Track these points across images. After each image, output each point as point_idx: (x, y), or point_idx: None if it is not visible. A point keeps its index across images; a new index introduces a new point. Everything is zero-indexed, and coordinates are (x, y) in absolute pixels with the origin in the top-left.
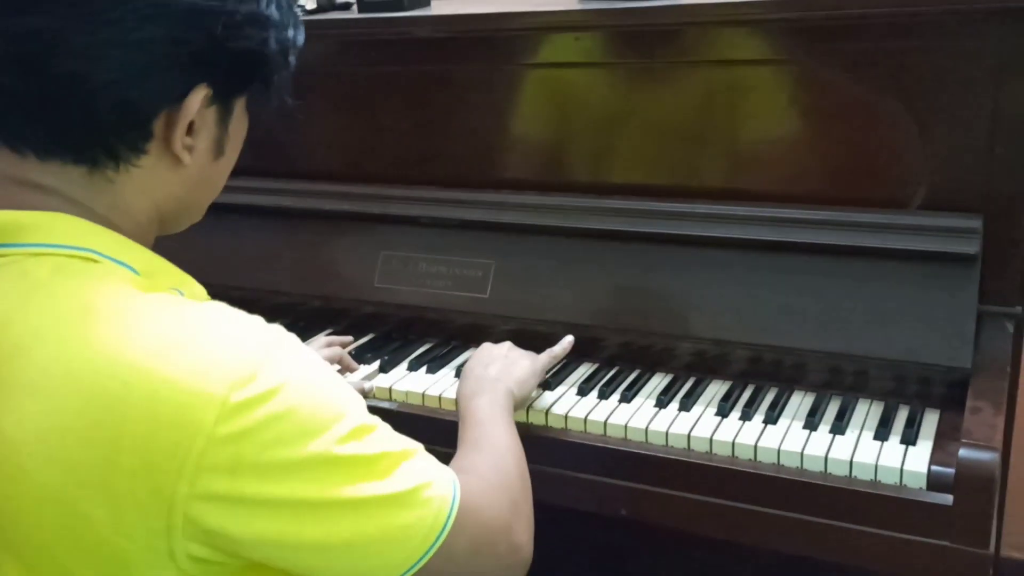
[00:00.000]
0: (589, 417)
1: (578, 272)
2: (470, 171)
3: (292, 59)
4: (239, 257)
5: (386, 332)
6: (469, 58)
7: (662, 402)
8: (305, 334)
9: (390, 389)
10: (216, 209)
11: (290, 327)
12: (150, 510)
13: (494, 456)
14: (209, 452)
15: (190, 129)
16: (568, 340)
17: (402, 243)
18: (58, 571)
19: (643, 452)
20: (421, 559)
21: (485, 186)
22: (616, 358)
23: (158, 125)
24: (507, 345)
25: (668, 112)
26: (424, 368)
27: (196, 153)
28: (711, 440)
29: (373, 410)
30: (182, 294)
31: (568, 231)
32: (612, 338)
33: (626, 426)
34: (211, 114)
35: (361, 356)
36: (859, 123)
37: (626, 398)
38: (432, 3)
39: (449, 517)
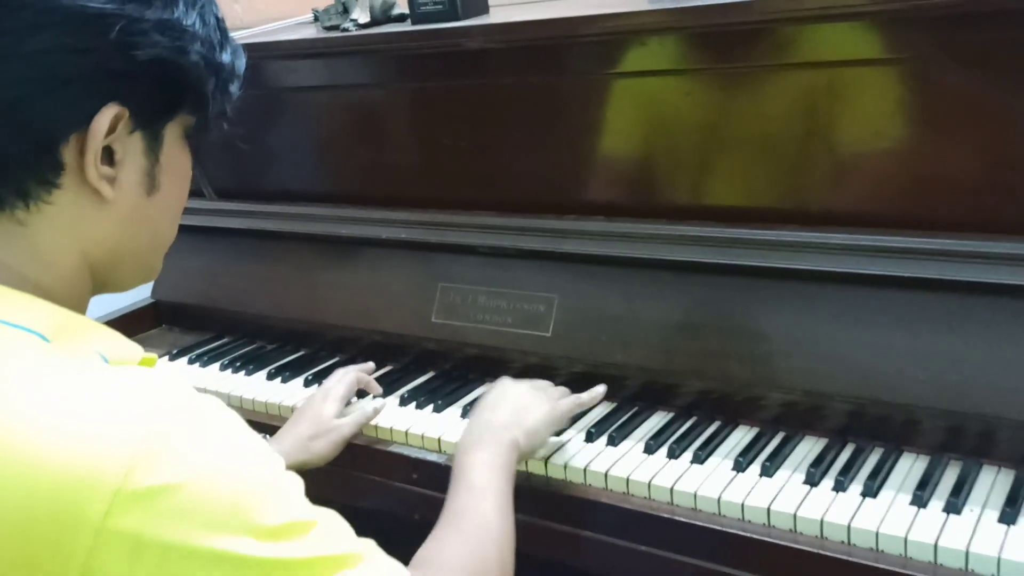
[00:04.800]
0: (653, 482)
1: (650, 308)
2: (532, 195)
3: (233, 87)
4: (289, 288)
5: (445, 371)
6: (530, 70)
7: (740, 465)
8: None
9: (439, 440)
10: (271, 237)
11: (349, 364)
12: None
13: (475, 540)
14: (97, 551)
15: (112, 159)
16: (600, 390)
17: (461, 274)
18: None
19: (715, 527)
20: None
21: (548, 211)
22: (693, 407)
23: (68, 153)
24: (527, 385)
25: (756, 125)
26: None
27: (122, 187)
28: (795, 516)
29: (421, 463)
30: (105, 359)
31: (639, 262)
32: (689, 384)
33: (696, 494)
34: (135, 141)
35: (415, 397)
36: (992, 131)
37: (699, 458)
38: (491, 11)
39: None
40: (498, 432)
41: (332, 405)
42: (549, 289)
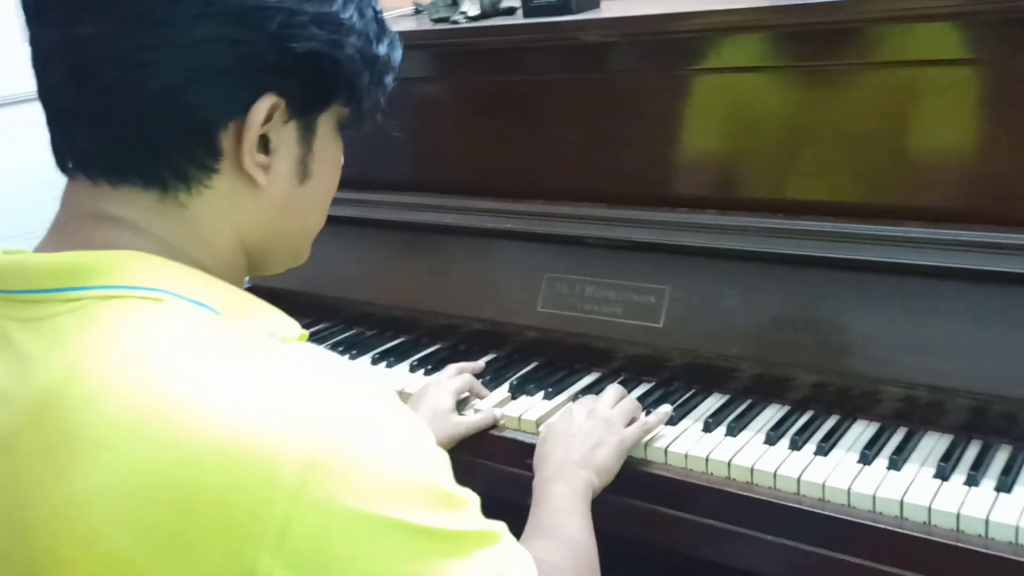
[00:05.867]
0: (779, 472)
1: (765, 302)
2: (641, 188)
3: (388, 79)
4: (390, 275)
5: (550, 360)
6: (642, 64)
7: (866, 457)
8: (465, 358)
9: (536, 423)
10: (374, 225)
11: (451, 351)
12: None
13: (570, 550)
14: (294, 516)
15: (267, 147)
16: (666, 409)
17: (568, 265)
18: None
19: (845, 517)
20: None
21: (658, 204)
22: (808, 401)
23: (226, 140)
24: (585, 411)
25: (868, 121)
26: None
27: (276, 175)
28: (929, 509)
29: (525, 447)
30: (272, 335)
31: (754, 255)
32: (804, 378)
33: (824, 485)
34: (290, 131)
35: (523, 386)
36: None
37: (822, 450)
38: (602, 5)
39: None
40: (574, 472)
41: (448, 399)
42: (660, 281)
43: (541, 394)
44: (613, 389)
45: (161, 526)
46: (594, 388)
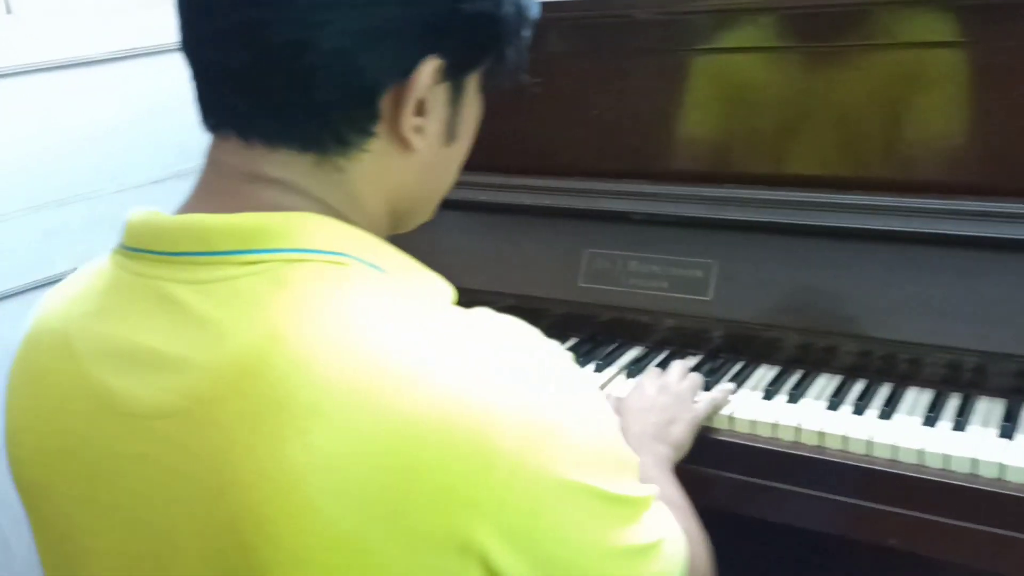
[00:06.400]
0: (850, 434)
1: (815, 275)
2: (683, 164)
3: (526, 32)
4: (434, 253)
5: (591, 335)
6: (688, 40)
7: (931, 420)
8: None
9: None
10: None
11: None
12: (446, 551)
13: (679, 512)
14: (510, 485)
15: (420, 109)
16: (729, 386)
17: (608, 241)
18: None
19: (916, 475)
20: None
21: (702, 181)
22: (858, 369)
23: (385, 103)
24: (656, 387)
25: (919, 98)
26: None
27: (426, 137)
28: (1000, 465)
29: None
30: (435, 296)
31: (803, 229)
32: (853, 347)
33: (894, 446)
34: (442, 92)
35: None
36: None
37: (886, 415)
38: None
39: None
40: (652, 445)
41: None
42: (706, 255)
43: (592, 366)
44: (679, 365)
45: (380, 496)
46: (642, 361)
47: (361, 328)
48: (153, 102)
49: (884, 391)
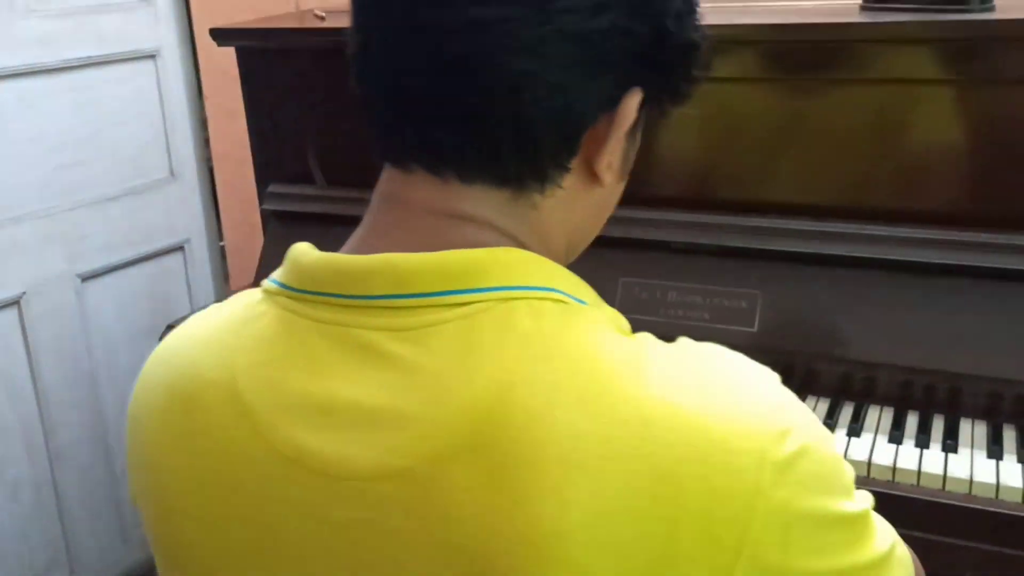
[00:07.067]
0: (923, 469)
1: (865, 307)
2: (722, 192)
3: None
4: None
5: None
6: (749, 71)
7: (996, 453)
8: None
9: None
10: None
11: None
12: None
13: None
14: (766, 520)
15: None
16: None
17: (645, 270)
18: None
19: (991, 509)
20: None
21: (745, 211)
22: (908, 401)
23: (587, 137)
24: None
25: (964, 134)
26: None
27: (611, 171)
28: None
29: None
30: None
31: (849, 260)
32: (912, 379)
33: (972, 480)
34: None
35: None
36: None
37: (951, 448)
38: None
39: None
40: None
41: None
42: (751, 286)
43: None
44: None
45: (645, 546)
46: None
47: (599, 372)
48: (108, 112)
49: (940, 423)
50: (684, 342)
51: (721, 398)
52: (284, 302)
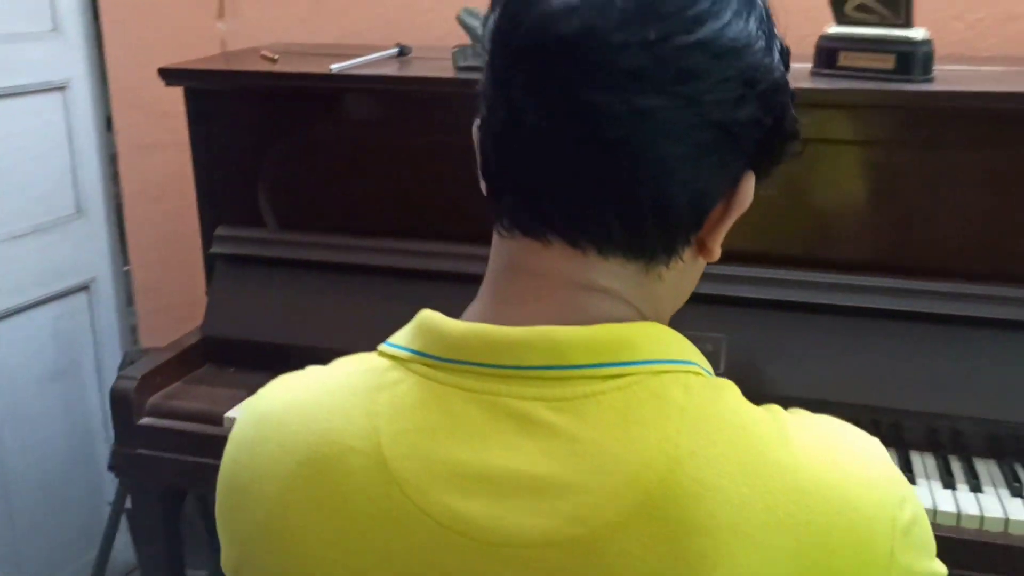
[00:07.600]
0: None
1: (813, 350)
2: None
3: None
4: (363, 321)
5: None
6: None
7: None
8: None
9: None
10: (353, 271)
11: None
12: None
13: None
14: None
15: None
16: None
17: None
18: None
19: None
20: None
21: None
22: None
23: (711, 215)
24: None
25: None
26: None
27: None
28: None
29: None
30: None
31: (810, 307)
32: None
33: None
34: None
35: None
36: None
37: (977, 487)
38: None
39: None
40: None
41: None
42: (715, 330)
43: None
44: None
45: None
46: None
47: (754, 444)
48: (16, 148)
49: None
50: (804, 412)
51: (853, 467)
52: (423, 370)
